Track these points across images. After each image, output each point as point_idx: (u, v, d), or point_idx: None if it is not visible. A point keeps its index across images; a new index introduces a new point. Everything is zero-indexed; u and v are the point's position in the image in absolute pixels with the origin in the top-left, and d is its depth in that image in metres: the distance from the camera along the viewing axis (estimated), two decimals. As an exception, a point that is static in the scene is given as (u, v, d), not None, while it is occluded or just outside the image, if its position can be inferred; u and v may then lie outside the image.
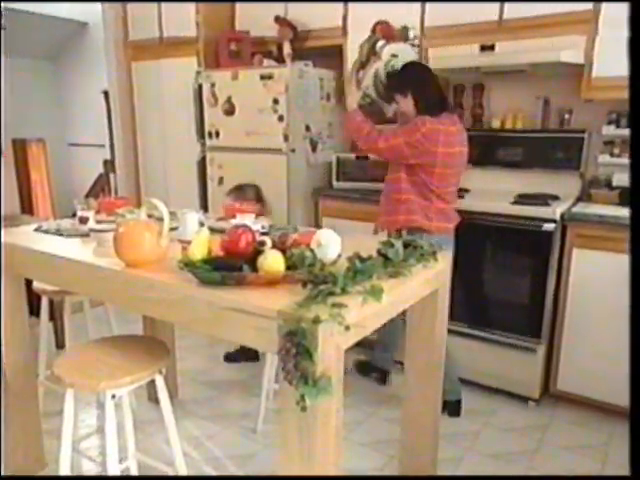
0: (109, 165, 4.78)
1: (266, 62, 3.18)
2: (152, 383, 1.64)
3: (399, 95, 2.25)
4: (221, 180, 3.26)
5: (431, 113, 2.16)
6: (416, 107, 2.21)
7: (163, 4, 3.49)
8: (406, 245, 1.53)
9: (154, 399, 2.41)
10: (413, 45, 2.40)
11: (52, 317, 2.84)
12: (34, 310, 2.31)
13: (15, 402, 1.96)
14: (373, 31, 2.32)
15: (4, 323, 1.89)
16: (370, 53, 2.31)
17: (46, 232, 1.90)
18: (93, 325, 2.54)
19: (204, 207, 3.38)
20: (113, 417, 1.53)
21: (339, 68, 3.17)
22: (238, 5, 3.47)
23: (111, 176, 4.85)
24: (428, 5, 2.77)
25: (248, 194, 2.82)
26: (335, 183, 3.12)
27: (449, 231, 2.28)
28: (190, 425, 2.36)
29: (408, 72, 2.26)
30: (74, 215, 2.33)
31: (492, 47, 2.52)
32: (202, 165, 3.37)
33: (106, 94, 5.13)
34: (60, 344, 2.99)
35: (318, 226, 3.12)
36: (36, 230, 1.94)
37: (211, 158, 3.31)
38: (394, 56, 2.29)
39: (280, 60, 3.16)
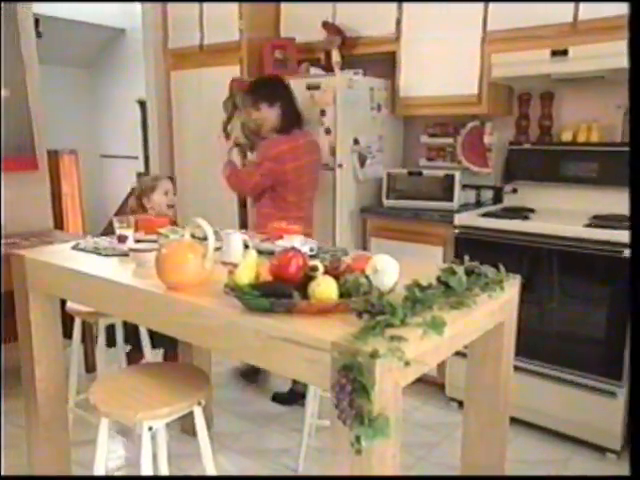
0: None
1: (313, 70, 3.26)
2: (188, 414, 1.68)
3: (265, 104, 2.63)
4: (262, 196, 3.33)
5: (289, 128, 2.63)
6: (282, 118, 2.63)
7: (205, 10, 3.64)
8: (469, 272, 1.53)
9: (188, 431, 2.45)
10: None
11: (82, 339, 2.95)
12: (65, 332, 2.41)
13: (45, 431, 2.03)
14: (231, 88, 3.01)
15: (36, 346, 1.97)
16: (233, 108, 2.94)
17: (83, 250, 2.00)
18: (125, 349, 2.62)
19: (243, 225, 3.46)
20: (149, 450, 1.58)
21: (391, 76, 3.22)
22: (283, 10, 3.58)
23: (144, 190, 5.02)
24: (491, 6, 2.77)
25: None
26: (385, 201, 3.13)
27: (309, 236, 2.60)
28: (225, 460, 2.39)
29: (277, 85, 2.69)
30: (105, 233, 2.46)
31: (565, 52, 2.50)
32: (242, 180, 3.45)
33: (141, 103, 5.36)
34: (90, 368, 3.10)
35: (365, 247, 3.14)
36: (74, 248, 2.03)
37: (252, 172, 3.39)
38: None
39: (328, 68, 3.23)
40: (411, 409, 2.77)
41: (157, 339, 2.53)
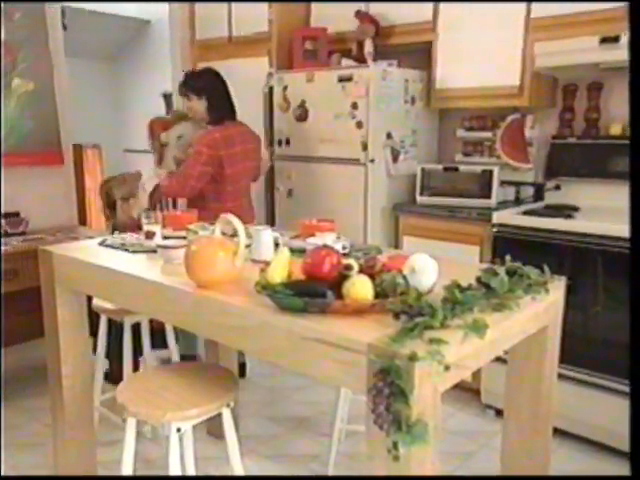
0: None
1: (345, 62, 3.25)
2: (215, 415, 1.70)
3: (194, 95, 2.82)
4: (290, 192, 3.35)
5: (218, 120, 2.79)
6: (210, 110, 2.81)
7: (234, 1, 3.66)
8: (511, 273, 1.51)
9: (214, 433, 2.48)
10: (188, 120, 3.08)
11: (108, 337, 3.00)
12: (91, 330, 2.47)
13: (71, 429, 2.08)
14: (151, 129, 3.21)
15: (62, 342, 2.02)
16: (161, 147, 3.14)
17: (111, 246, 2.04)
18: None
19: (271, 221, 3.48)
20: (177, 453, 1.60)
21: (427, 67, 3.19)
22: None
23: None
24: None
25: None
26: (419, 198, 3.11)
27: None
28: (251, 465, 2.40)
29: (207, 77, 2.87)
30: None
31: (616, 38, 2.43)
32: (269, 175, 3.48)
33: (166, 96, 5.42)
34: (115, 367, 3.15)
35: (397, 246, 3.13)
36: (101, 244, 2.08)
37: (279, 168, 3.41)
38: (180, 137, 3.04)
39: (361, 59, 3.22)
40: (445, 416, 2.75)
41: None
